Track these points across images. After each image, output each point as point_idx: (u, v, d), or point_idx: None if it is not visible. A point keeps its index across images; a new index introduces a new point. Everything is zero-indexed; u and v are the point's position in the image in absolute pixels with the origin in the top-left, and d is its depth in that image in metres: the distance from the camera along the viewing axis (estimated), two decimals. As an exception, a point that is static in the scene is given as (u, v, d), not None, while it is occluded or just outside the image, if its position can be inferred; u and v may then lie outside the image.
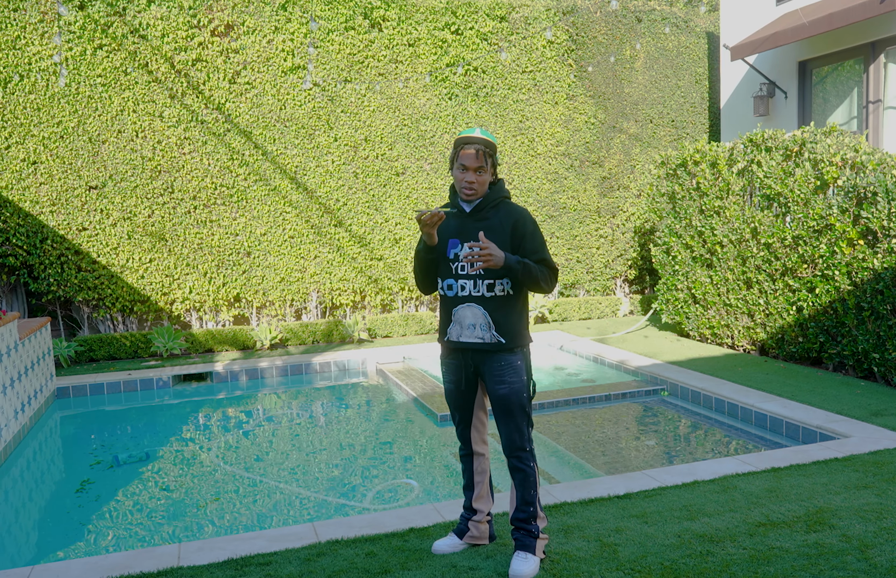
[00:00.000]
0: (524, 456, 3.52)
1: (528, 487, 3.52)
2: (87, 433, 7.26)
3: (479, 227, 3.47)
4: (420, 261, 3.61)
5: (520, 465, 3.53)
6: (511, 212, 3.50)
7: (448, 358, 3.64)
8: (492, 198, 3.51)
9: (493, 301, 3.45)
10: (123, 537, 4.78)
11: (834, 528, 3.86)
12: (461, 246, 3.48)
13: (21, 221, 9.47)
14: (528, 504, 3.52)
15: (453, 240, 3.53)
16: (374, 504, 5.14)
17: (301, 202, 10.61)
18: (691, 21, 12.79)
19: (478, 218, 3.49)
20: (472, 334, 3.46)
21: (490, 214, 3.49)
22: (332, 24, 10.53)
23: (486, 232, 3.43)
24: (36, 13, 9.31)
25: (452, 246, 3.52)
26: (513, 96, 11.55)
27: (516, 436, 3.51)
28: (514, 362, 3.47)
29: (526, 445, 3.52)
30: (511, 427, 3.50)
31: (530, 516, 3.52)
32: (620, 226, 12.38)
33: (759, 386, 7.15)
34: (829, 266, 7.46)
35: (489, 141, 3.45)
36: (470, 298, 3.46)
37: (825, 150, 7.49)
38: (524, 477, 3.53)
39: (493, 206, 3.51)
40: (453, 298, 3.51)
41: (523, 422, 3.51)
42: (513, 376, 3.46)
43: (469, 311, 3.46)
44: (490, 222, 3.46)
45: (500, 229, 3.45)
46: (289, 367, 9.27)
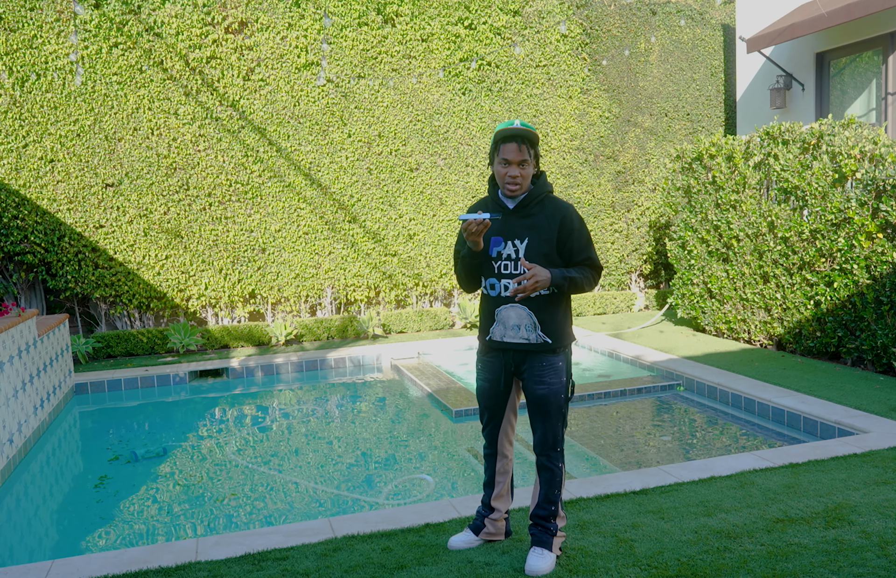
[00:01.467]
0: (554, 455, 3.48)
1: (554, 486, 3.49)
2: (105, 428, 7.32)
3: (524, 224, 3.37)
4: (464, 264, 3.47)
5: (549, 464, 3.49)
6: (558, 208, 3.39)
7: (486, 355, 3.56)
8: (536, 194, 3.40)
9: (538, 300, 3.36)
10: (141, 531, 4.82)
11: (853, 524, 3.83)
12: (504, 244, 3.38)
13: (39, 219, 9.56)
14: (550, 502, 3.49)
15: (496, 237, 3.40)
16: (389, 500, 5.15)
17: (315, 198, 10.63)
18: (707, 13, 12.69)
19: (523, 215, 3.38)
20: (517, 335, 3.38)
21: (535, 211, 3.38)
22: (346, 19, 10.54)
23: (532, 230, 3.34)
24: (52, 12, 9.38)
25: (495, 244, 3.40)
26: (526, 91, 11.51)
27: (550, 436, 3.46)
28: (556, 363, 3.41)
29: (557, 445, 3.48)
30: (546, 427, 3.45)
31: (551, 514, 3.49)
32: (635, 221, 12.32)
33: (777, 381, 7.09)
34: (848, 260, 7.38)
35: (530, 131, 3.32)
36: (514, 298, 3.36)
37: (843, 143, 7.42)
38: (551, 475, 3.49)
39: (537, 202, 3.39)
40: (496, 298, 3.42)
41: (559, 423, 3.46)
42: (553, 377, 3.40)
43: (513, 312, 3.37)
44: (536, 219, 3.36)
45: (546, 226, 3.35)
46: (304, 363, 9.30)
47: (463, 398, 7.34)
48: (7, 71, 9.28)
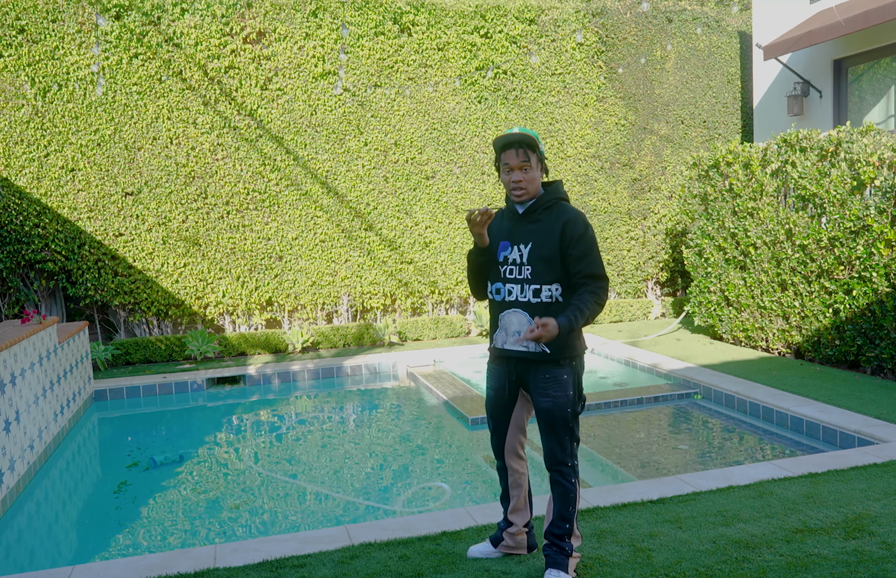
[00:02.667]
0: (565, 470, 3.37)
1: (567, 503, 3.37)
2: (124, 435, 7.39)
3: (530, 229, 3.32)
4: (471, 263, 3.46)
5: (560, 480, 3.38)
6: (563, 213, 3.31)
7: (493, 363, 3.52)
8: (545, 199, 3.35)
9: (540, 307, 3.28)
10: (160, 537, 4.86)
11: (874, 535, 3.79)
12: (511, 248, 3.35)
13: (60, 227, 9.68)
14: (564, 520, 3.38)
15: (504, 242, 3.38)
16: (406, 508, 5.16)
17: (332, 206, 10.69)
18: (723, 20, 12.65)
19: (530, 220, 3.35)
20: (517, 342, 3.33)
21: (542, 216, 3.33)
22: (362, 29, 10.61)
23: (536, 235, 3.30)
24: (74, 24, 9.52)
25: (503, 248, 3.38)
26: (542, 99, 11.52)
27: (557, 450, 3.36)
28: (560, 376, 3.30)
29: (567, 460, 3.36)
30: (552, 441, 3.36)
31: (565, 533, 3.38)
32: (651, 228, 12.28)
33: (795, 389, 7.04)
34: (867, 267, 7.32)
35: (527, 136, 3.27)
36: (516, 303, 3.32)
37: (862, 150, 7.36)
38: (563, 492, 3.38)
39: (546, 208, 3.34)
40: (500, 303, 3.38)
41: (566, 437, 3.34)
42: (557, 390, 3.30)
43: (515, 317, 3.32)
44: (541, 224, 3.32)
45: (549, 232, 3.28)
46: (320, 370, 9.34)
47: (479, 406, 7.34)
48: (29, 81, 9.42)
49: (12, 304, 9.73)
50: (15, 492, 5.49)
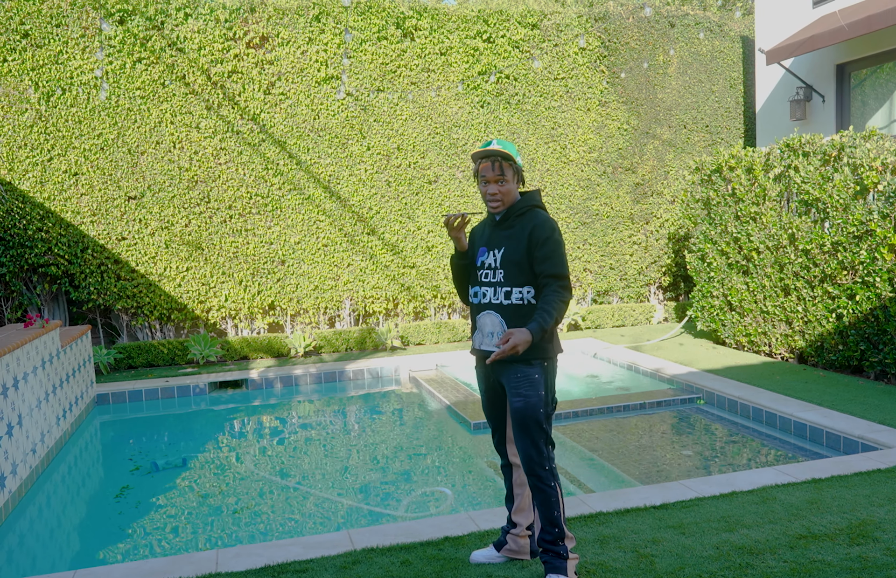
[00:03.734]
0: (543, 474, 3.36)
1: (551, 508, 3.37)
2: (126, 439, 7.39)
3: (504, 235, 3.45)
4: (453, 267, 3.63)
5: (539, 485, 3.36)
6: (533, 219, 3.42)
7: (478, 366, 3.61)
8: (519, 207, 3.47)
9: (511, 309, 3.38)
10: (162, 542, 4.85)
11: (878, 541, 3.77)
12: (487, 253, 3.49)
13: (63, 231, 9.69)
14: (552, 524, 3.37)
15: (482, 248, 3.53)
16: (408, 513, 5.16)
17: (334, 210, 10.70)
18: (725, 25, 12.65)
19: (504, 226, 3.48)
20: (491, 342, 3.41)
21: (515, 222, 3.46)
22: (365, 34, 10.63)
23: (508, 240, 3.43)
24: (77, 28, 9.54)
25: (481, 254, 3.52)
26: (545, 103, 11.53)
27: (533, 453, 3.35)
28: (532, 375, 3.35)
29: (544, 464, 3.36)
30: (527, 443, 3.35)
31: (556, 537, 3.37)
32: (654, 233, 12.27)
33: (798, 394, 7.02)
34: (870, 272, 7.31)
35: (502, 151, 3.40)
36: (490, 305, 3.43)
37: (865, 155, 7.35)
38: (544, 497, 3.37)
39: (519, 214, 3.47)
40: (478, 305, 3.50)
41: (540, 439, 3.35)
42: (528, 389, 3.34)
43: (488, 319, 3.43)
44: (513, 230, 3.44)
45: (519, 237, 3.40)
46: (322, 375, 9.34)
47: (481, 410, 7.32)
48: (33, 86, 9.45)
49: (15, 308, 9.74)
50: (17, 496, 5.49)
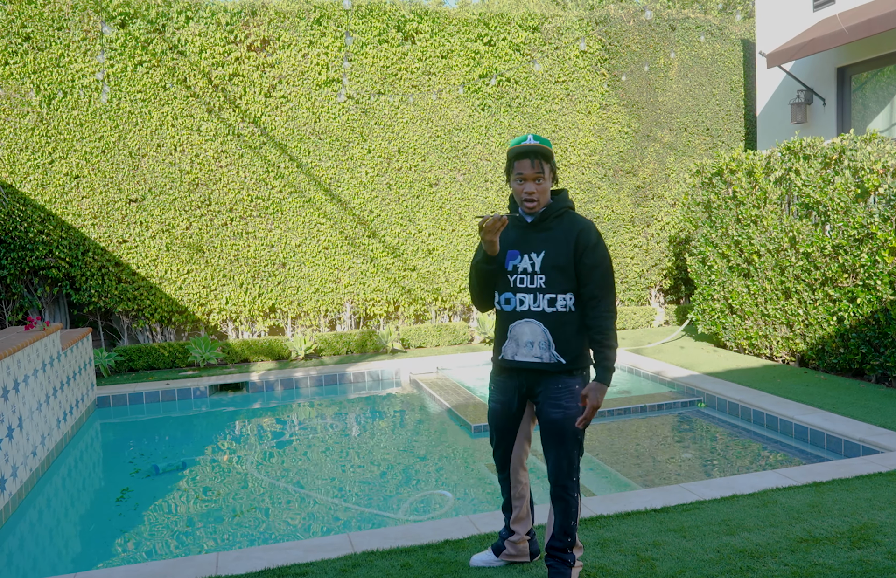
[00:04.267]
0: (570, 485, 3.31)
1: (569, 517, 3.33)
2: (127, 442, 7.39)
3: (541, 238, 3.27)
4: (478, 272, 3.35)
5: (564, 495, 3.32)
6: (575, 223, 3.28)
7: (499, 376, 3.43)
8: (555, 208, 3.30)
9: (554, 317, 3.22)
10: (162, 545, 4.85)
11: (879, 545, 3.77)
12: (521, 257, 3.29)
13: (64, 234, 9.70)
14: (566, 533, 3.35)
15: (512, 251, 3.31)
16: (408, 516, 5.15)
17: (335, 213, 10.71)
18: (726, 28, 12.66)
19: (541, 228, 3.29)
20: (530, 353, 3.25)
21: (553, 224, 3.29)
22: (366, 37, 10.64)
23: (549, 243, 3.26)
24: (79, 32, 9.55)
25: (511, 257, 3.31)
26: (545, 106, 11.54)
27: (564, 464, 3.29)
28: (573, 386, 3.24)
29: (573, 475, 3.30)
30: (560, 454, 3.28)
31: (567, 545, 3.36)
32: (655, 236, 12.27)
33: (799, 398, 7.02)
34: (871, 275, 7.30)
35: (544, 146, 3.23)
36: (529, 313, 3.24)
37: (865, 158, 7.35)
38: (565, 506, 3.33)
39: (556, 216, 3.30)
40: (510, 313, 3.30)
41: (574, 450, 3.28)
42: (570, 401, 3.23)
43: (527, 328, 3.24)
44: (553, 233, 3.27)
45: (563, 241, 3.24)
46: (323, 377, 9.34)
47: (482, 413, 7.32)
48: (35, 89, 9.46)
49: (16, 310, 9.75)
50: (17, 499, 5.49)
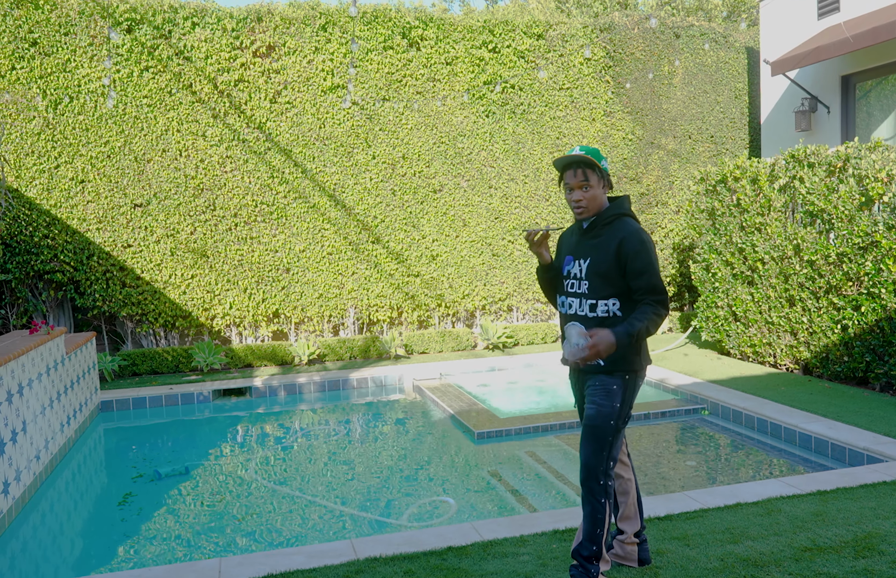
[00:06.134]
0: (597, 488, 3.31)
1: (596, 525, 3.32)
2: (130, 446, 7.40)
3: (590, 244, 3.39)
4: (538, 278, 3.62)
5: (590, 497, 3.32)
6: (621, 229, 3.34)
7: (570, 375, 3.64)
8: (606, 215, 3.41)
9: (595, 321, 3.34)
10: (165, 550, 4.85)
11: (883, 554, 3.75)
12: (573, 262, 3.45)
13: (69, 238, 9.73)
14: (592, 541, 3.32)
15: (569, 256, 3.49)
16: (411, 522, 5.14)
17: (339, 219, 10.72)
18: (730, 36, 12.66)
19: (591, 235, 3.42)
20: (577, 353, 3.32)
21: (602, 231, 3.39)
22: (371, 43, 10.67)
23: (594, 250, 3.37)
24: (86, 37, 9.60)
25: (567, 263, 3.49)
26: (550, 113, 11.55)
27: (592, 462, 3.32)
28: (610, 386, 3.33)
29: (600, 477, 3.31)
30: (588, 451, 3.33)
31: (593, 555, 3.33)
32: (659, 243, 12.26)
33: (803, 406, 7.00)
34: (875, 284, 7.29)
35: (584, 156, 3.33)
36: (575, 317, 3.41)
37: (870, 166, 7.34)
38: (592, 511, 3.32)
39: (606, 223, 3.40)
40: (565, 315, 3.49)
41: (603, 452, 3.31)
42: (603, 399, 3.32)
43: (574, 330, 3.32)
44: (601, 240, 3.37)
45: (606, 248, 3.33)
46: (326, 383, 9.34)
47: (485, 420, 7.32)
48: (41, 94, 9.50)
49: (21, 314, 9.77)
50: (21, 503, 5.50)
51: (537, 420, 7.25)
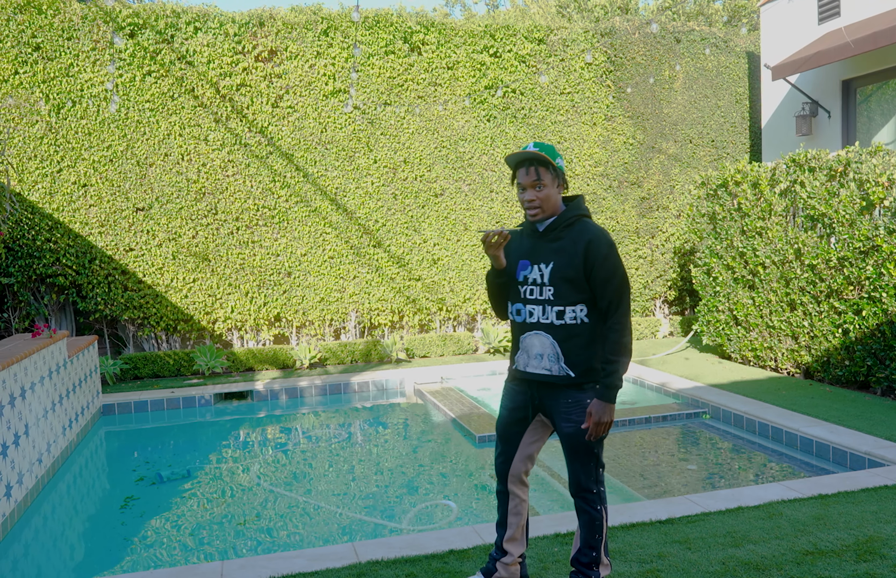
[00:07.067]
0: (590, 497, 3.25)
1: (593, 531, 3.26)
2: (131, 449, 7.41)
3: (551, 248, 3.19)
4: (490, 285, 3.34)
5: (585, 507, 3.26)
6: (585, 231, 3.17)
7: (511, 384, 3.39)
8: (566, 217, 3.21)
9: (563, 329, 3.15)
10: (166, 553, 4.86)
11: (885, 558, 3.76)
12: (531, 268, 3.22)
13: (71, 242, 9.74)
14: (591, 548, 3.28)
15: (524, 261, 3.25)
16: (412, 525, 5.15)
17: (341, 223, 10.74)
18: (731, 41, 12.68)
19: (551, 238, 3.21)
20: (540, 365, 3.20)
21: (563, 234, 3.19)
22: (373, 48, 10.69)
23: (558, 254, 3.17)
24: (89, 42, 9.63)
25: (522, 268, 3.25)
26: (551, 117, 11.57)
27: (582, 477, 3.24)
28: (584, 400, 3.17)
29: (592, 487, 3.24)
30: (576, 467, 3.24)
31: (592, 561, 3.29)
32: (660, 247, 12.27)
33: (805, 410, 7.00)
34: (876, 288, 7.29)
35: (538, 153, 3.13)
36: (538, 325, 3.18)
37: (871, 170, 7.35)
38: (589, 519, 3.27)
39: (567, 225, 3.20)
40: (521, 324, 3.25)
41: (590, 463, 3.23)
42: (581, 415, 3.16)
43: (537, 340, 3.19)
44: (562, 243, 3.18)
45: (572, 251, 3.15)
46: (327, 386, 9.35)
47: (486, 423, 7.32)
48: (44, 98, 9.53)
49: (23, 318, 9.79)
50: (23, 506, 5.50)
51: (538, 424, 7.24)
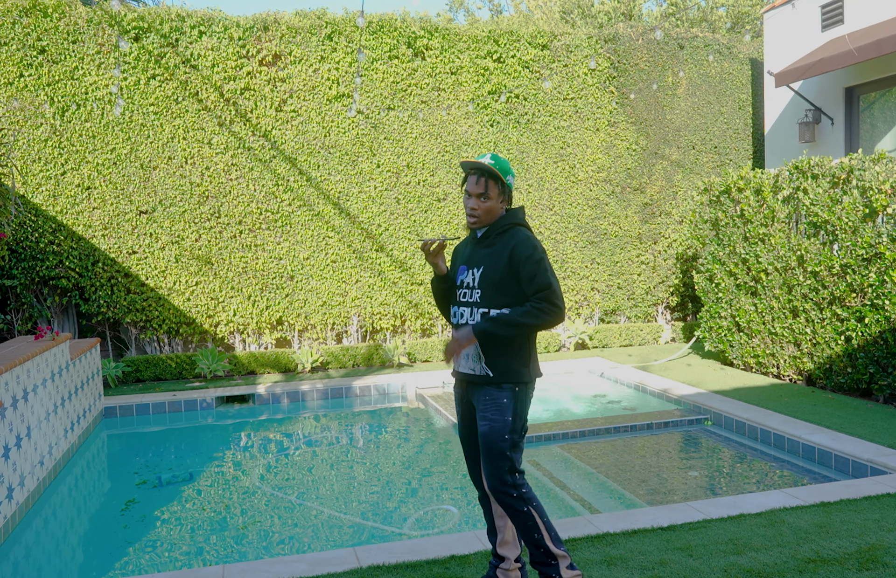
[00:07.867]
0: (512, 501, 3.26)
1: (529, 531, 3.27)
2: (133, 452, 7.41)
3: (483, 253, 3.35)
4: (433, 290, 3.55)
5: (510, 511, 3.29)
6: (513, 237, 3.32)
7: (455, 387, 3.55)
8: (501, 224, 3.37)
9: None
10: (167, 557, 4.86)
11: (887, 566, 3.75)
12: (467, 272, 3.40)
13: (74, 244, 9.77)
14: (536, 546, 3.28)
15: (462, 266, 3.44)
16: (413, 530, 5.15)
17: (343, 227, 10.75)
18: (734, 48, 12.69)
19: (485, 244, 3.38)
20: (466, 365, 3.34)
21: (496, 241, 3.36)
22: (377, 53, 10.72)
23: (487, 259, 3.33)
24: (94, 45, 9.66)
25: (461, 272, 3.44)
26: (554, 123, 11.58)
27: (496, 481, 3.26)
28: (500, 399, 3.27)
29: (510, 491, 3.25)
30: (490, 469, 3.27)
31: (543, 558, 3.30)
32: (662, 253, 12.27)
33: (807, 417, 6.99)
34: (879, 295, 7.28)
35: (489, 167, 3.30)
36: (466, 326, 3.32)
37: (874, 178, 7.35)
38: (520, 522, 3.28)
39: (500, 233, 3.37)
40: (455, 326, 3.42)
41: (503, 466, 3.25)
42: (495, 413, 3.26)
43: None
44: (493, 249, 3.34)
45: (499, 256, 3.31)
46: (329, 390, 9.35)
47: (488, 429, 7.30)
48: (49, 101, 9.56)
49: (26, 320, 9.81)
50: (24, 508, 5.51)
51: (540, 429, 7.25)
